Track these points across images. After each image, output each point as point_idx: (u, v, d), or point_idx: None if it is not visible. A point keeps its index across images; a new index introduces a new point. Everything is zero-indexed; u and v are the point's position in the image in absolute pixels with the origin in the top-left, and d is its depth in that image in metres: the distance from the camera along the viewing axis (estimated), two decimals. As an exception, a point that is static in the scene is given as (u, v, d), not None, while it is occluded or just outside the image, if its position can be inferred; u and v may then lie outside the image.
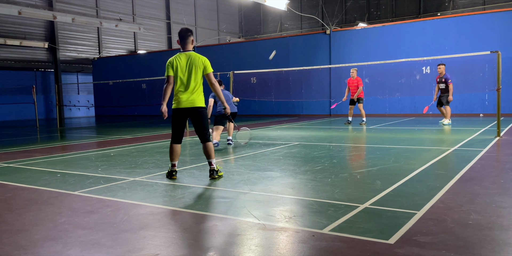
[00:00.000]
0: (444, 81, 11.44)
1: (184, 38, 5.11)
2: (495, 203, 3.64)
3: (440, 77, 11.56)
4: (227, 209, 3.71)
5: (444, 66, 11.50)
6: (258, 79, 20.00)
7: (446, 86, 11.40)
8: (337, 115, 18.20)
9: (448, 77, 11.43)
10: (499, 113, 8.61)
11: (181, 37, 5.12)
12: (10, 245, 2.93)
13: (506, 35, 14.74)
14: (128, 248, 2.82)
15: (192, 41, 5.20)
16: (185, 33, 5.11)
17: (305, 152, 7.04)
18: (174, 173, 5.19)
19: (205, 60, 5.10)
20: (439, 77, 11.61)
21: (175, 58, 5.07)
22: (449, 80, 11.36)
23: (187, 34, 5.11)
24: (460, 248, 2.66)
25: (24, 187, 4.89)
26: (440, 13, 26.34)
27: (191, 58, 5.04)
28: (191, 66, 5.02)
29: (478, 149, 6.82)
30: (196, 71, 5.02)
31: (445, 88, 11.46)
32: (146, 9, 29.22)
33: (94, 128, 15.84)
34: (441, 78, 11.52)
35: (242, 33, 36.37)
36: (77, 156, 7.50)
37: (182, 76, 5.02)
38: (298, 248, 2.74)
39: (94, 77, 26.28)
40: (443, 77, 11.48)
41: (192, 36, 5.19)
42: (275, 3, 18.94)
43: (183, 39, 5.11)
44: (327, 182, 4.67)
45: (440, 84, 11.59)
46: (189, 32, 5.14)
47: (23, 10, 18.70)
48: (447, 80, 11.37)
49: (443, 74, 11.49)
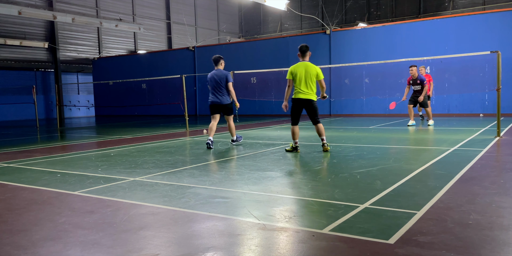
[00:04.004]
0: (419, 83, 11.39)
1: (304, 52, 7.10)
2: (495, 203, 3.64)
3: (414, 79, 11.48)
4: (227, 209, 3.71)
5: (416, 67, 11.47)
6: (258, 79, 19.99)
7: (422, 88, 11.37)
8: (337, 115, 18.22)
9: (423, 78, 11.39)
10: (499, 113, 8.61)
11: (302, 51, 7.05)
12: (10, 245, 2.93)
13: (506, 35, 14.74)
14: (128, 248, 2.82)
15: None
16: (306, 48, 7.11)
17: (305, 152, 7.04)
18: (298, 148, 7.08)
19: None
20: (412, 79, 11.52)
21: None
22: (424, 82, 11.33)
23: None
24: (460, 248, 2.66)
25: (24, 187, 4.89)
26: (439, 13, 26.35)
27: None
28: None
29: (478, 149, 6.82)
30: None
31: (420, 90, 11.42)
32: (146, 9, 29.22)
33: (94, 128, 15.84)
34: (415, 80, 11.45)
35: (242, 33, 36.37)
36: (77, 156, 7.50)
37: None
38: (298, 248, 2.74)
39: (94, 77, 26.28)
40: (417, 78, 11.41)
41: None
42: (275, 3, 18.95)
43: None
44: (327, 182, 4.68)
45: (415, 86, 11.52)
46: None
47: (23, 10, 18.70)
48: (423, 81, 11.33)
49: (416, 76, 11.42)
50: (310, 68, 6.89)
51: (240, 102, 9.75)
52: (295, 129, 7.02)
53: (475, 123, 12.04)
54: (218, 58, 8.20)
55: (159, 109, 22.81)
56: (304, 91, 6.86)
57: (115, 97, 25.15)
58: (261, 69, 17.31)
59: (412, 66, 11.43)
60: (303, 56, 7.03)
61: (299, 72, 6.85)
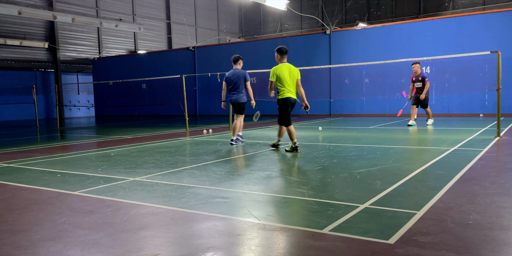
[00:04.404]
0: (421, 80, 11.44)
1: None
2: (495, 203, 3.64)
3: (416, 76, 11.54)
4: (227, 209, 3.71)
5: (419, 64, 11.51)
6: (258, 79, 19.97)
7: (423, 85, 11.42)
8: (337, 115, 18.22)
9: (425, 75, 11.44)
10: (499, 113, 8.61)
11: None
12: (10, 245, 2.93)
13: (506, 35, 14.74)
14: (128, 248, 2.82)
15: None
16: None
17: (305, 152, 7.04)
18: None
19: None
20: (415, 76, 11.59)
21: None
22: (426, 79, 11.38)
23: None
24: (460, 248, 2.66)
25: (24, 187, 4.89)
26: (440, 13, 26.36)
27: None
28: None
29: (478, 149, 6.82)
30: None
31: (421, 87, 11.47)
32: (146, 9, 29.21)
33: (94, 128, 15.84)
34: (418, 77, 11.50)
35: (242, 33, 36.36)
36: (77, 156, 7.50)
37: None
38: (298, 248, 2.74)
39: (94, 77, 26.27)
40: (419, 75, 11.47)
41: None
42: (275, 3, 18.94)
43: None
44: (327, 182, 4.67)
45: (416, 83, 11.57)
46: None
47: (23, 10, 18.70)
48: (425, 78, 11.38)
49: (419, 73, 11.48)
50: (293, 69, 7.12)
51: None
52: (291, 129, 7.14)
53: (475, 123, 12.04)
54: (237, 58, 8.52)
55: (159, 109, 22.80)
56: (292, 91, 7.10)
57: (115, 97, 25.14)
58: (261, 69, 17.29)
59: (415, 63, 11.48)
60: (283, 58, 7.19)
61: (284, 73, 7.01)
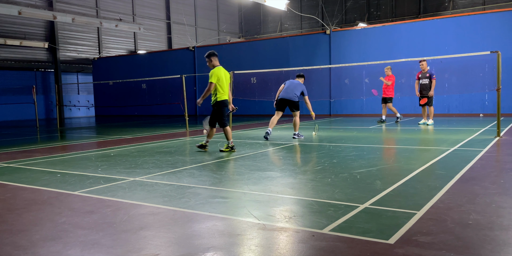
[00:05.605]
0: (428, 76, 11.52)
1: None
2: (495, 203, 3.64)
3: (423, 73, 11.63)
4: (227, 209, 3.71)
5: (426, 62, 11.59)
6: (258, 79, 19.98)
7: (430, 82, 11.45)
8: (337, 115, 18.22)
9: (433, 73, 11.55)
10: (499, 113, 8.61)
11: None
12: (10, 245, 2.93)
13: (506, 35, 14.74)
14: (128, 248, 2.82)
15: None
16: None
17: (305, 152, 7.04)
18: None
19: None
20: (421, 73, 11.68)
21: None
22: (433, 76, 11.47)
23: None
24: (460, 248, 2.66)
25: (24, 187, 4.89)
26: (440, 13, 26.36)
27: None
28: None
29: (478, 149, 6.82)
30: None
31: (427, 84, 11.51)
32: (146, 9, 29.21)
33: (94, 128, 15.84)
34: (425, 74, 11.60)
35: (242, 33, 36.37)
36: (77, 156, 7.50)
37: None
38: (298, 248, 2.74)
39: (94, 77, 26.27)
40: (427, 72, 11.57)
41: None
42: (275, 3, 18.94)
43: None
44: (327, 182, 4.67)
45: (423, 80, 11.64)
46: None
47: (23, 10, 18.69)
48: (432, 76, 11.46)
49: (426, 70, 11.57)
50: (227, 73, 7.48)
51: (240, 102, 9.76)
52: (228, 129, 7.43)
53: (475, 123, 12.04)
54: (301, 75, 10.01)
55: (159, 109, 22.80)
56: (226, 93, 7.44)
57: (115, 97, 25.14)
58: (261, 69, 17.30)
59: (423, 60, 11.59)
60: (216, 61, 7.43)
61: (221, 76, 7.31)
